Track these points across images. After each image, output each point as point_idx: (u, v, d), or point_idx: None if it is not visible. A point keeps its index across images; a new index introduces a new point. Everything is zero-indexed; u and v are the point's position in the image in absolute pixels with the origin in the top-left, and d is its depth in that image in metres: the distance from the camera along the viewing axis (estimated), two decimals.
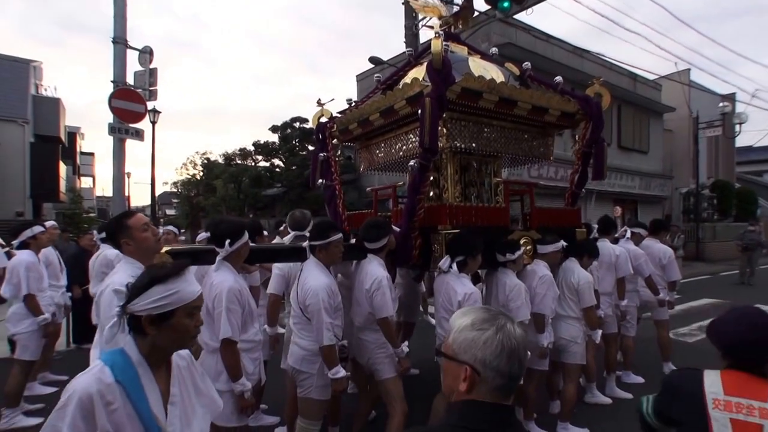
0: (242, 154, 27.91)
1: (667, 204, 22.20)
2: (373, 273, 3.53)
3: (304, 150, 25.09)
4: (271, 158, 26.90)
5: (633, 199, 20.04)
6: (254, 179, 25.75)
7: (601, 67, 17.68)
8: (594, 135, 4.53)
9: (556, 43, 16.92)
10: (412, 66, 4.86)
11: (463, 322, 1.29)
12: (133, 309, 1.58)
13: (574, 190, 4.81)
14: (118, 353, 1.60)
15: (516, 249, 3.90)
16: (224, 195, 25.75)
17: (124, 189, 8.77)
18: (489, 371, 1.21)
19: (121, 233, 2.61)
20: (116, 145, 8.30)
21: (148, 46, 8.80)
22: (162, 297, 1.58)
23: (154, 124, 16.44)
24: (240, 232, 3.11)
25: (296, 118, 25.13)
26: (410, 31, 11.46)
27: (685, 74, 22.16)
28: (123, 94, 8.16)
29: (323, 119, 5.04)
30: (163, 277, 1.60)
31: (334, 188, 4.97)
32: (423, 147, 3.54)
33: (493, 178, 4.65)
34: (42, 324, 4.70)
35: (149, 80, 8.84)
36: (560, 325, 4.35)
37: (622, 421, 4.58)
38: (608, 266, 5.02)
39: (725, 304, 10.10)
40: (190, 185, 31.25)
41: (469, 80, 3.79)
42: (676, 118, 22.22)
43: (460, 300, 3.48)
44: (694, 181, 20.97)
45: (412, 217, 3.80)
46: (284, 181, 24.34)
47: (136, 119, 8.38)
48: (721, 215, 22.56)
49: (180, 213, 33.58)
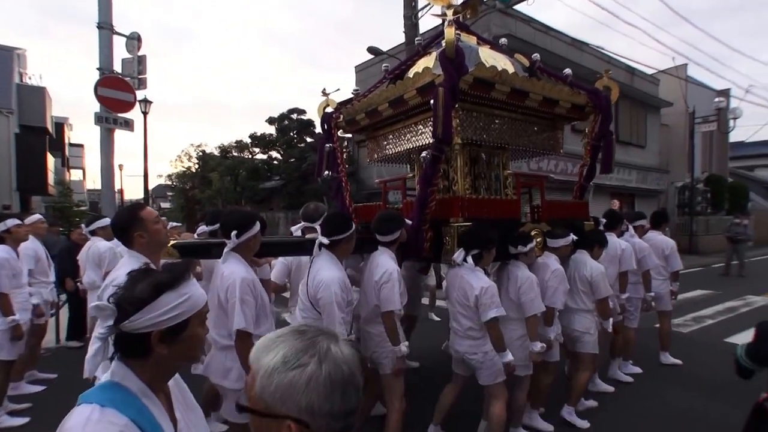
0: (239, 146, 27.75)
1: (662, 198, 22.32)
2: (384, 265, 3.49)
3: (302, 142, 25.00)
4: (269, 150, 26.77)
5: (630, 192, 20.12)
6: (251, 172, 25.64)
7: (599, 60, 17.69)
8: (603, 128, 4.51)
9: (555, 35, 16.91)
10: (421, 56, 4.81)
11: (271, 362, 0.95)
12: (135, 326, 1.28)
13: (583, 183, 4.79)
14: (110, 388, 1.28)
15: (529, 241, 3.86)
16: (220, 188, 25.61)
17: (113, 181, 8.58)
18: (320, 419, 0.92)
19: (136, 226, 2.56)
20: (104, 136, 8.11)
21: (136, 32, 8.58)
22: (175, 306, 1.32)
23: (145, 114, 16.29)
24: (250, 223, 3.01)
25: (294, 109, 24.99)
26: (409, 21, 11.39)
27: (682, 69, 22.17)
28: (110, 82, 7.94)
29: (329, 109, 4.98)
30: (173, 282, 1.34)
31: (341, 180, 4.93)
32: (436, 138, 3.50)
33: (503, 171, 4.61)
34: (12, 325, 4.34)
35: (138, 68, 8.60)
36: (573, 317, 4.35)
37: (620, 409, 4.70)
38: (612, 259, 5.00)
39: (718, 296, 10.21)
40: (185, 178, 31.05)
41: (482, 70, 3.76)
42: (672, 112, 22.30)
43: (477, 294, 3.46)
44: (689, 176, 21.05)
45: (424, 209, 3.76)
46: (282, 174, 24.22)
47: (124, 109, 8.18)
48: (715, 209, 22.69)
49: (175, 206, 33.35)
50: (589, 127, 4.63)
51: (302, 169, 22.36)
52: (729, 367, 2.40)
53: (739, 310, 9.16)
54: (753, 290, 11.03)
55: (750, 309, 9.27)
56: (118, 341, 1.31)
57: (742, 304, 9.73)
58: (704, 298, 10.38)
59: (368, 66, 20.09)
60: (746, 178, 29.65)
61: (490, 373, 3.58)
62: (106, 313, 1.29)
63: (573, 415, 4.37)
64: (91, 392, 1.26)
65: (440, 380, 4.13)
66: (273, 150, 26.41)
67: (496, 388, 3.62)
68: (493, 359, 3.54)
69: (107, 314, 1.29)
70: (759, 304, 9.76)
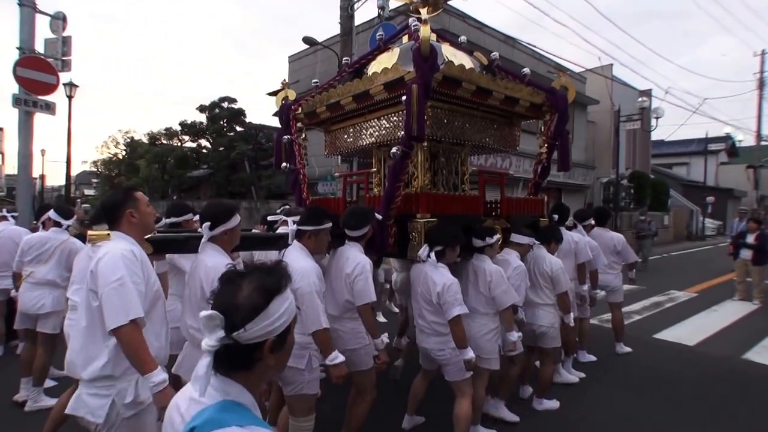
0: (168, 133, 26.92)
1: (588, 193, 23.23)
2: (355, 258, 3.46)
3: (232, 131, 24.61)
4: (198, 139, 26.15)
5: (557, 187, 20.74)
6: (180, 160, 25.02)
7: (531, 57, 18.24)
8: (560, 127, 4.64)
9: (488, 32, 17.24)
10: (381, 51, 4.79)
11: None
12: (250, 336, 1.19)
13: (538, 180, 4.92)
14: (232, 408, 1.19)
15: (493, 234, 3.93)
16: (147, 175, 24.87)
17: (31, 167, 7.93)
18: None
19: (130, 203, 2.49)
20: (22, 119, 7.54)
21: (61, 12, 8.09)
22: (284, 311, 1.26)
23: (70, 98, 15.54)
24: (227, 215, 2.91)
25: (225, 98, 24.60)
26: (345, 12, 11.41)
27: (608, 69, 23.19)
28: (30, 62, 7.45)
29: (287, 101, 4.89)
30: (279, 285, 1.28)
31: (299, 172, 4.85)
32: (410, 134, 3.51)
33: (461, 167, 4.68)
34: None
35: (62, 49, 8.10)
36: (537, 313, 4.46)
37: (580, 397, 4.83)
38: (567, 253, 5.15)
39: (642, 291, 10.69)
40: (111, 165, 29.85)
41: (452, 68, 3.80)
42: (598, 110, 23.20)
43: (439, 291, 3.49)
44: (614, 172, 21.96)
45: (390, 204, 3.76)
46: (211, 163, 23.76)
47: (46, 91, 7.65)
48: (638, 205, 23.81)
49: (99, 193, 32.04)
50: (545, 126, 4.76)
51: (231, 158, 21.99)
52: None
53: (664, 305, 9.63)
54: (676, 285, 11.62)
55: (674, 304, 9.77)
56: (224, 354, 1.20)
57: (666, 299, 10.24)
58: (629, 293, 10.70)
59: (302, 57, 19.84)
60: (666, 176, 31.28)
61: (458, 369, 3.60)
62: (215, 323, 1.18)
63: (543, 404, 4.63)
64: (216, 418, 1.15)
65: None
66: (203, 138, 25.84)
67: (463, 384, 3.66)
68: (458, 355, 3.57)
69: (216, 324, 1.18)
70: (682, 299, 10.30)
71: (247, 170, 22.27)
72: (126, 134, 29.76)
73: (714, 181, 34.25)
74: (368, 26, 14.77)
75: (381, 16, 10.61)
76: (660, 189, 25.74)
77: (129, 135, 29.61)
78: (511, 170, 15.71)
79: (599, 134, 24.30)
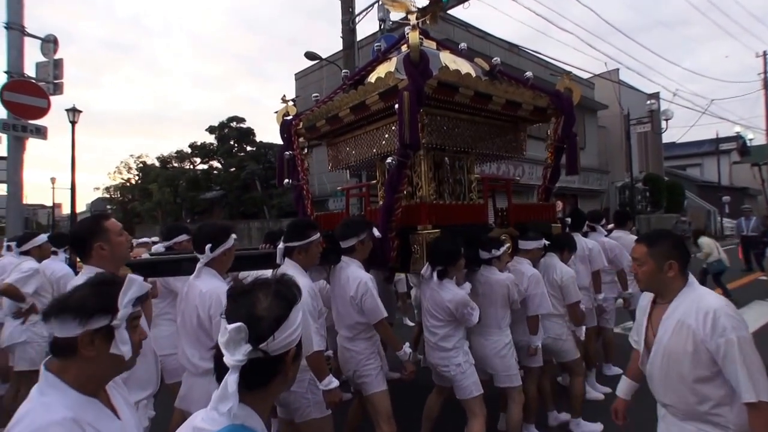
0: (179, 156, 27.09)
1: (604, 197, 22.98)
2: (356, 276, 3.31)
3: (241, 151, 24.71)
4: (209, 160, 26.30)
5: (573, 193, 20.59)
6: (191, 182, 25.13)
7: (537, 65, 18.04)
8: (566, 130, 4.51)
9: (492, 40, 17.20)
10: (380, 61, 4.70)
11: None
12: (276, 346, 1.15)
13: (548, 185, 4.78)
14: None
15: (501, 245, 3.79)
16: (160, 199, 24.97)
17: (21, 194, 7.78)
18: None
19: (98, 236, 2.37)
20: (12, 145, 7.49)
21: (52, 35, 8.10)
22: (301, 320, 1.24)
23: (74, 123, 15.51)
24: (224, 236, 2.82)
25: (233, 117, 24.76)
26: (347, 26, 11.43)
27: (614, 73, 23.08)
28: (18, 86, 7.40)
29: (288, 117, 4.81)
30: (297, 295, 1.28)
31: (302, 188, 4.75)
32: (403, 143, 3.39)
33: (467, 175, 4.55)
34: None
35: (54, 72, 8.07)
36: (543, 323, 4.18)
37: None
38: (582, 259, 4.91)
39: None
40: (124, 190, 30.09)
41: (446, 73, 3.68)
42: (608, 115, 23.06)
43: (449, 306, 3.40)
44: (628, 175, 21.74)
45: (389, 216, 3.64)
46: (222, 184, 23.82)
47: (36, 115, 7.60)
48: (654, 207, 23.53)
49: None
50: (552, 130, 4.63)
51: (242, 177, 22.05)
52: None
53: None
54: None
55: None
56: (248, 369, 1.12)
57: None
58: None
59: (308, 73, 19.95)
60: (680, 177, 30.95)
61: (465, 386, 3.45)
62: (241, 336, 1.11)
63: (581, 426, 4.27)
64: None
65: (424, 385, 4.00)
66: (213, 159, 25.98)
67: (473, 403, 3.48)
68: (465, 372, 3.44)
69: (242, 338, 1.11)
70: None
71: (258, 189, 22.31)
72: (138, 159, 29.97)
73: (728, 180, 33.75)
74: (372, 39, 14.79)
75: (382, 29, 10.58)
76: (675, 190, 25.45)
77: (141, 160, 29.81)
78: (523, 178, 15.56)
79: (611, 139, 24.12)
